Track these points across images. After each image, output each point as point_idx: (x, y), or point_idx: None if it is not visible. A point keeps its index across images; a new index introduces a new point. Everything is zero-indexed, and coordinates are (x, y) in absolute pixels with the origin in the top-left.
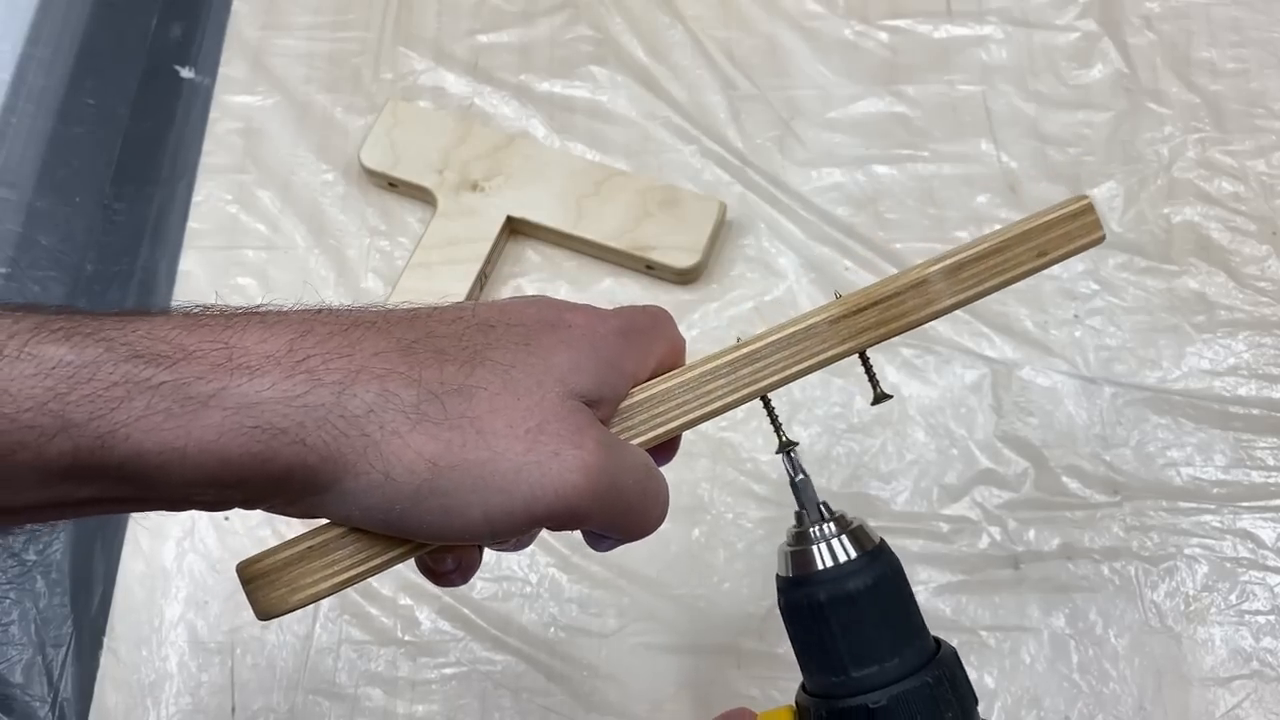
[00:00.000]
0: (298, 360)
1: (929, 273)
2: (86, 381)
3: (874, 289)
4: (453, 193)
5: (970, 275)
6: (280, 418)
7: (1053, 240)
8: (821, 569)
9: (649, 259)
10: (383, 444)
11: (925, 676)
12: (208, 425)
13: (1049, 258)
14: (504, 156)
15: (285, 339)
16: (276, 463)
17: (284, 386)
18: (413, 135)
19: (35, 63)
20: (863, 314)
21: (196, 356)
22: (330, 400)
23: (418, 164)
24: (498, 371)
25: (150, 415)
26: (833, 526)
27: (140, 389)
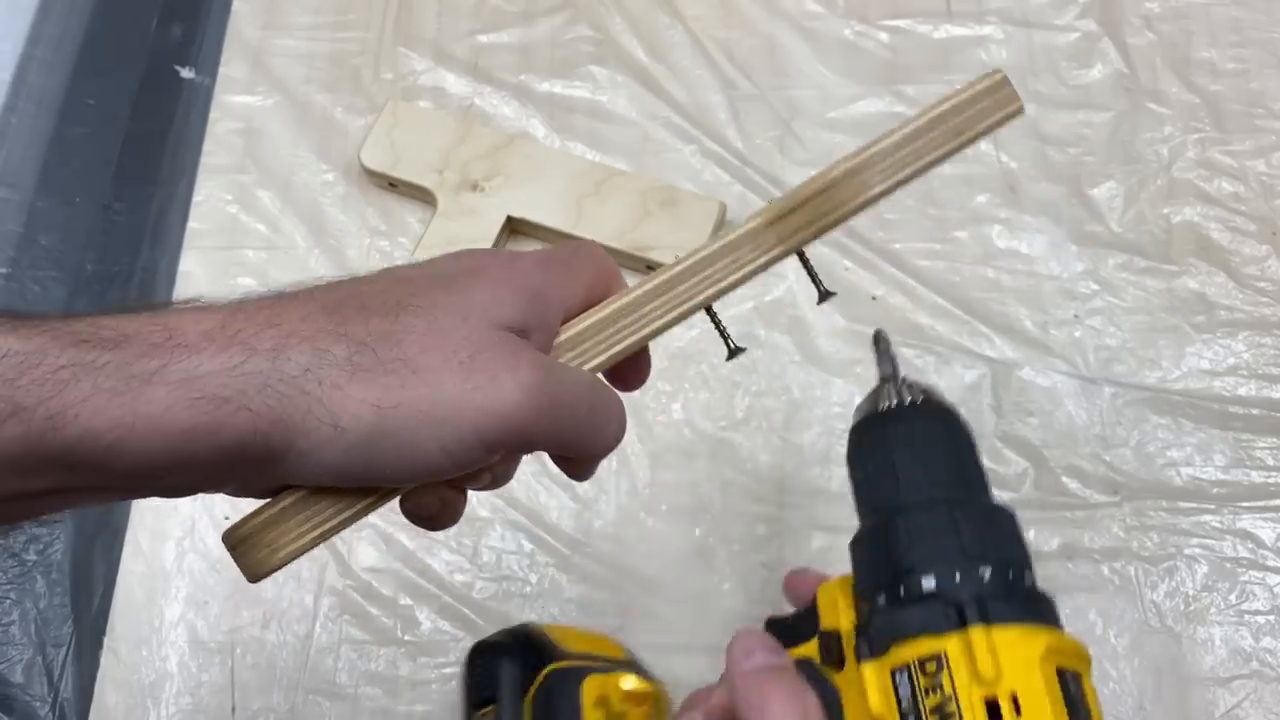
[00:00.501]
0: (231, 334)
1: (853, 164)
2: (34, 367)
3: (801, 189)
4: (453, 193)
5: (892, 163)
6: (221, 387)
7: (971, 117)
8: (897, 405)
9: (649, 259)
10: (324, 398)
11: (972, 510)
12: (153, 400)
13: (968, 135)
14: (504, 156)
15: (218, 318)
16: (225, 432)
17: (221, 359)
18: (413, 135)
19: (36, 63)
20: (793, 215)
21: (137, 338)
22: (267, 366)
23: (418, 164)
24: (421, 314)
25: (96, 395)
26: (912, 384)
27: (85, 370)
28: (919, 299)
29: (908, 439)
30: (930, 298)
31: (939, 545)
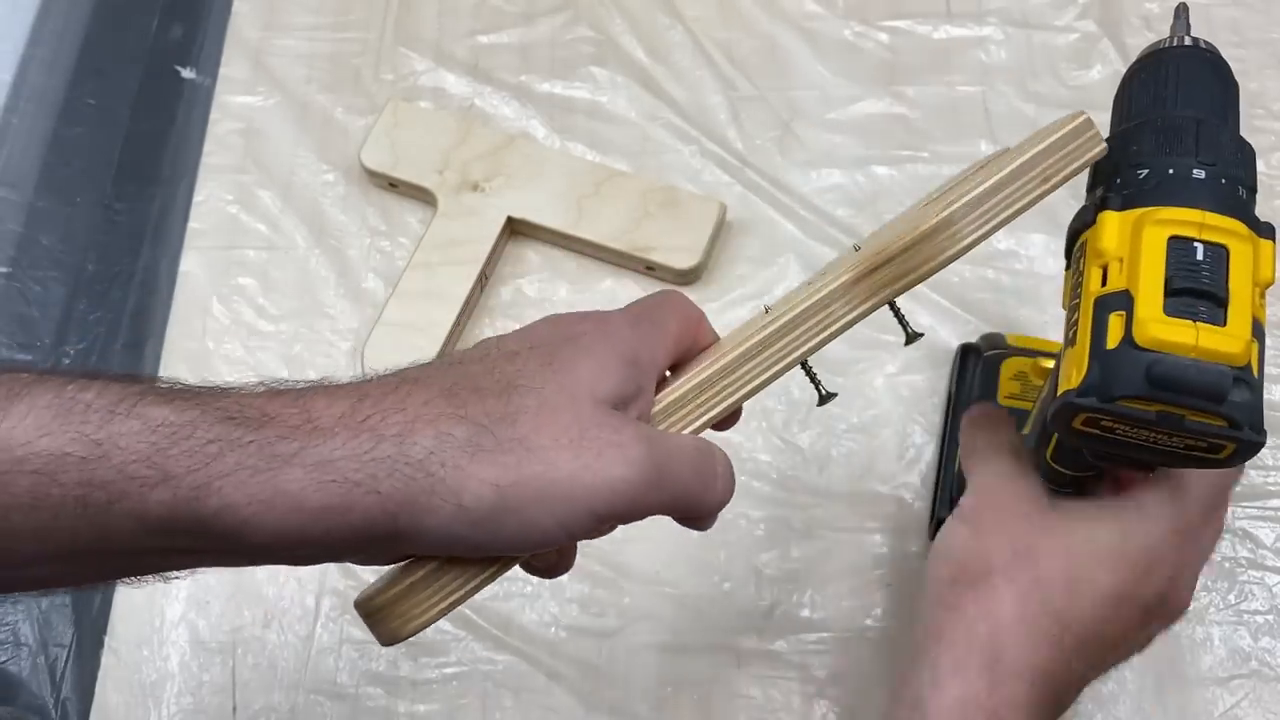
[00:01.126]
0: (360, 420)
1: (944, 216)
2: (185, 439)
3: (891, 244)
4: (453, 193)
5: (982, 213)
6: (354, 471)
7: (1057, 161)
8: (1189, 43)
9: (649, 260)
10: (448, 479)
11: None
12: (290, 479)
13: (1055, 180)
14: (504, 157)
15: (348, 403)
16: (355, 512)
17: (353, 444)
18: (413, 135)
19: (36, 63)
20: (885, 269)
21: (278, 420)
22: (394, 451)
23: (418, 164)
24: (531, 394)
25: (239, 470)
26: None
27: (231, 447)
28: (919, 299)
29: (1188, 67)
30: (931, 298)
31: (1207, 139)
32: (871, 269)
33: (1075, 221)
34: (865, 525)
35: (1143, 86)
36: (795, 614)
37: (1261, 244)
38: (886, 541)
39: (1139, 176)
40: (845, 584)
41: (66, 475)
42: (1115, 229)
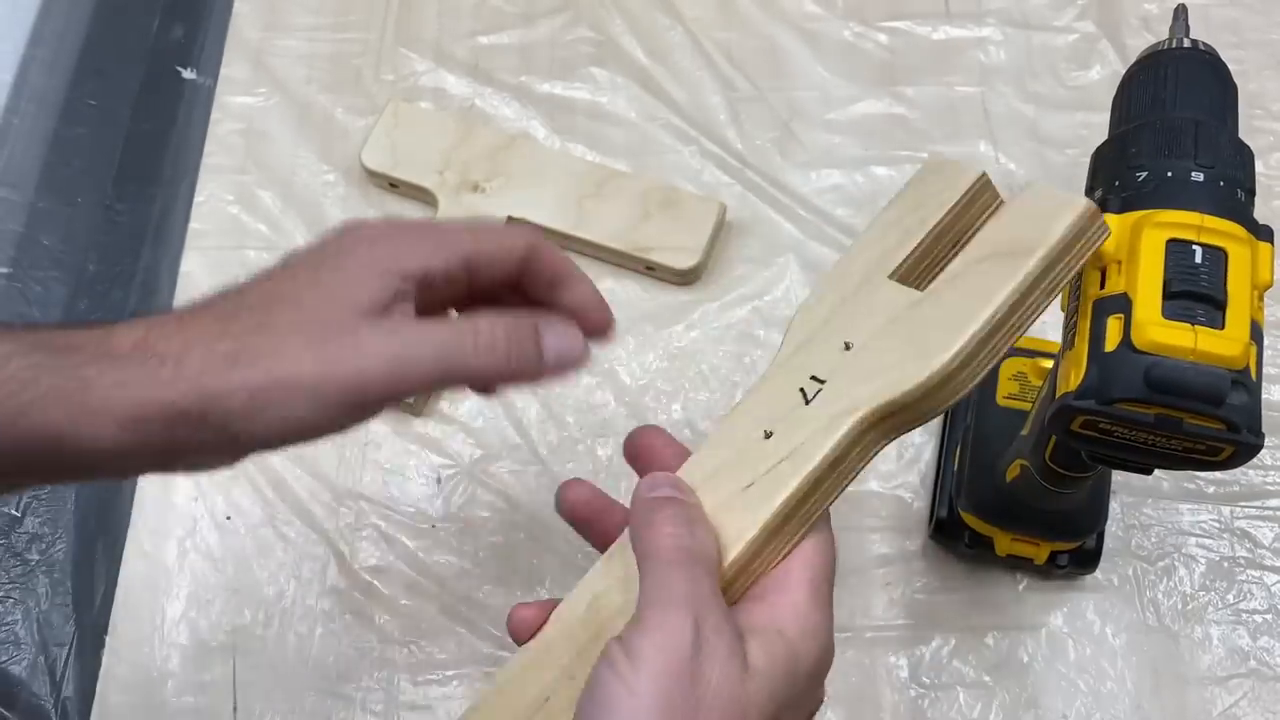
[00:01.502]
0: (148, 346)
1: (960, 358)
2: (2, 369)
3: (904, 390)
4: (453, 194)
5: (992, 346)
6: (145, 388)
7: (1065, 267)
8: (1187, 44)
9: (649, 260)
10: (216, 388)
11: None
12: (97, 396)
13: (1061, 286)
14: (505, 157)
15: (141, 332)
16: (155, 421)
17: (143, 367)
18: (414, 136)
19: (37, 63)
20: (898, 415)
21: (82, 349)
22: (174, 371)
23: (418, 165)
24: (290, 307)
25: (53, 392)
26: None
27: (44, 372)
28: None
29: (1187, 69)
30: None
31: (1205, 142)
32: (886, 415)
33: None
34: (865, 525)
35: (1141, 88)
36: None
37: (1260, 246)
38: (886, 541)
39: (1138, 179)
40: (845, 584)
41: None
42: (1114, 231)
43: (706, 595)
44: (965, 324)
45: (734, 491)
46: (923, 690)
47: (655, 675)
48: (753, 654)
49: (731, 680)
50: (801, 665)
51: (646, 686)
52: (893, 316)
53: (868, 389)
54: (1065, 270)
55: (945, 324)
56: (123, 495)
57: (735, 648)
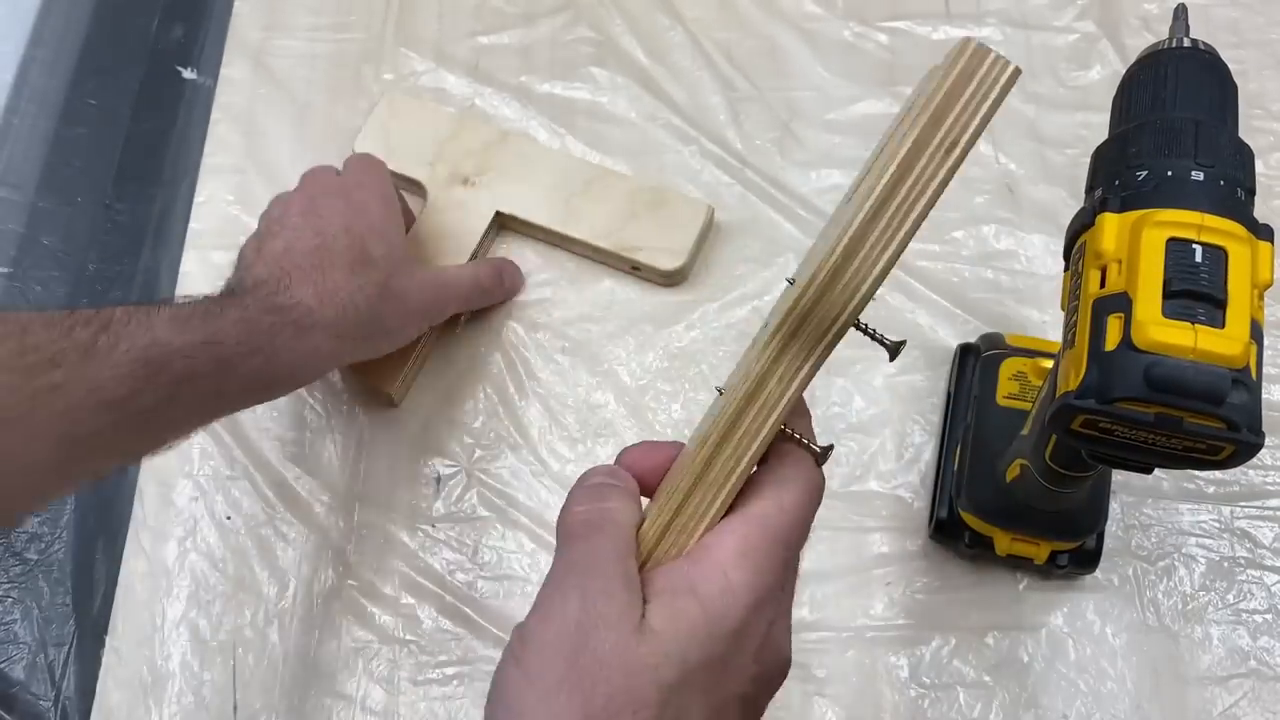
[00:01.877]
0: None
1: (845, 245)
2: (243, 311)
3: (797, 301)
4: (443, 186)
5: (889, 224)
6: (339, 292)
7: (960, 118)
8: (1188, 44)
9: (634, 260)
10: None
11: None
12: (306, 294)
13: (963, 146)
14: (497, 152)
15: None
16: (362, 305)
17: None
18: (408, 128)
19: (37, 63)
20: (806, 327)
21: (271, 292)
22: (349, 284)
23: (411, 156)
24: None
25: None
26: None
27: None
28: (919, 299)
29: (1187, 68)
30: (930, 298)
31: (1205, 141)
32: (793, 332)
33: (1074, 223)
34: (865, 525)
35: (1141, 88)
36: (795, 613)
37: (1260, 246)
38: (886, 541)
39: (1138, 178)
40: (845, 583)
41: (205, 361)
42: (1114, 231)
43: (601, 561)
44: (853, 216)
45: (692, 454)
46: (923, 690)
47: (543, 650)
48: (652, 614)
49: (620, 643)
50: (721, 625)
51: (535, 664)
52: (823, 239)
53: (779, 311)
54: (962, 123)
55: (841, 220)
56: (123, 495)
57: (628, 610)
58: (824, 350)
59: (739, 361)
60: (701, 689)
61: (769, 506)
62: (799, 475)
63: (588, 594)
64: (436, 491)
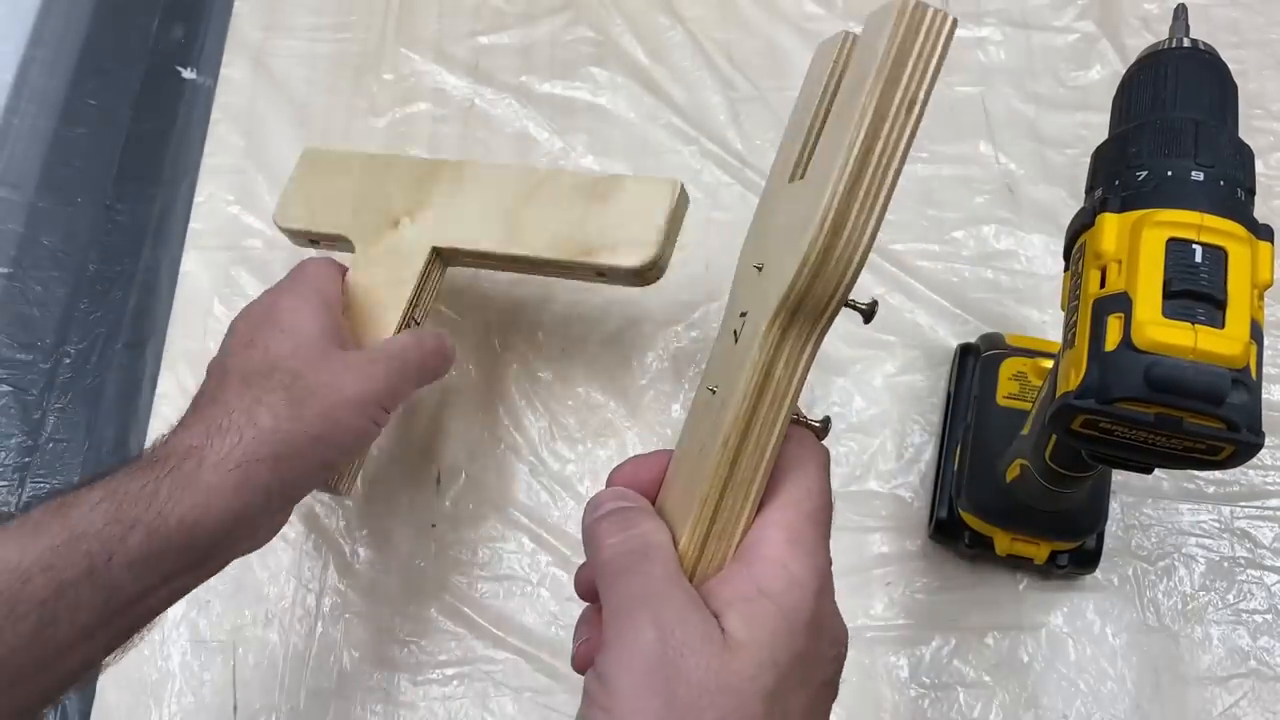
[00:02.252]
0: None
1: (830, 222)
2: (126, 494)
3: (792, 286)
4: (370, 236)
5: (868, 192)
6: (237, 458)
7: (914, 75)
8: (1188, 44)
9: (595, 264)
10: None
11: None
12: (205, 481)
13: (921, 101)
14: (429, 185)
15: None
16: (259, 478)
17: (226, 443)
18: (327, 183)
19: (37, 64)
20: (803, 310)
21: (174, 453)
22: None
23: (332, 212)
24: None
25: (174, 492)
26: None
27: (158, 483)
28: (919, 299)
29: (1187, 68)
30: (930, 298)
31: (1206, 141)
32: (790, 319)
33: (1074, 223)
34: (865, 525)
35: (1141, 88)
36: None
37: (1260, 246)
38: (886, 541)
39: (1138, 178)
40: (845, 583)
41: (73, 565)
42: (1114, 231)
43: (662, 588)
44: (823, 189)
45: (693, 460)
46: (923, 690)
47: (629, 692)
48: (733, 627)
49: (713, 665)
50: (797, 618)
51: (627, 707)
52: (787, 218)
53: (769, 299)
54: (917, 79)
55: (813, 198)
56: None
57: (708, 630)
58: (824, 328)
59: (715, 358)
60: (798, 686)
61: (798, 491)
62: (811, 453)
63: (662, 625)
64: (436, 491)
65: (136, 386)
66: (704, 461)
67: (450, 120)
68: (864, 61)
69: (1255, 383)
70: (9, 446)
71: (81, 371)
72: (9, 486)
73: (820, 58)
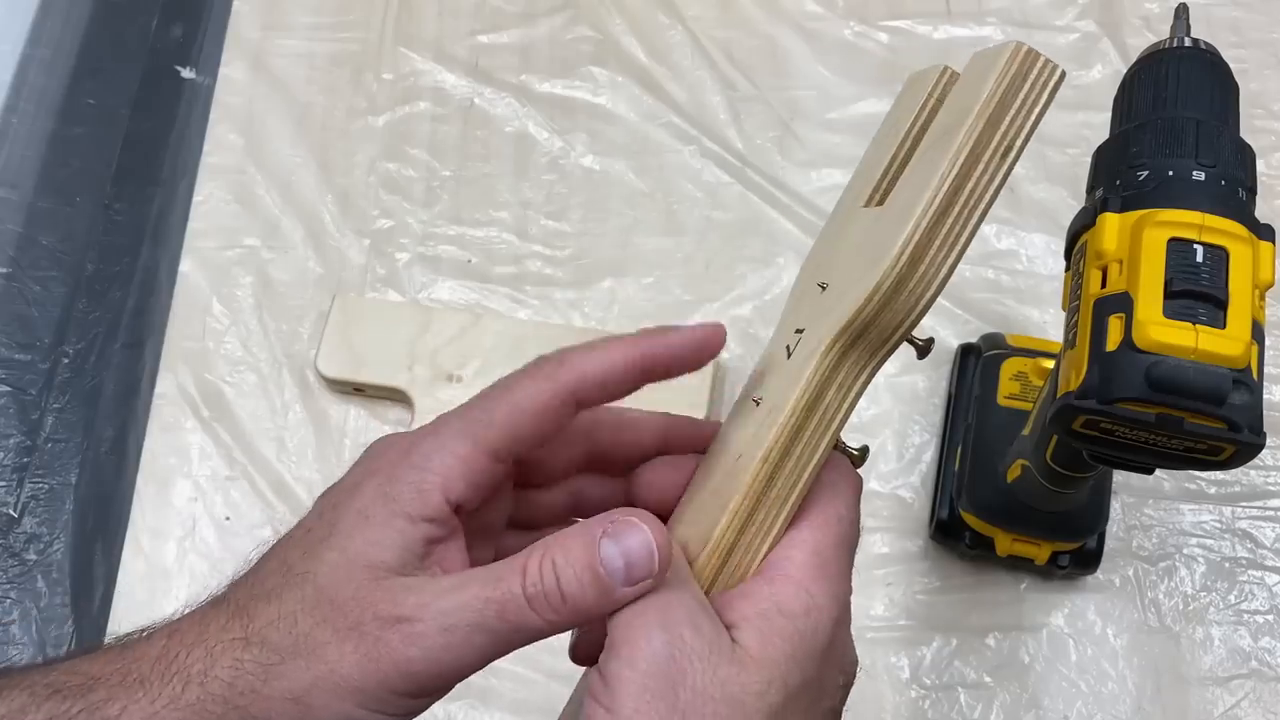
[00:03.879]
0: (170, 661)
1: (912, 249)
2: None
3: (861, 300)
4: (428, 388)
5: (950, 226)
6: (174, 717)
7: (1014, 121)
8: (1188, 44)
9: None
10: (252, 708)
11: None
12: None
13: (1018, 148)
14: (474, 338)
15: (161, 643)
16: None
17: (167, 692)
18: (370, 332)
19: (36, 63)
20: (866, 336)
21: (102, 682)
22: (201, 693)
23: (383, 364)
24: (307, 583)
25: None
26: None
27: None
28: None
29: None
30: None
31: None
32: (851, 342)
33: (1075, 223)
34: (865, 525)
35: (1143, 87)
36: None
37: (1261, 245)
38: (886, 541)
39: (1139, 178)
40: None
41: None
42: (1115, 231)
43: (675, 596)
44: (905, 221)
45: (728, 467)
46: (924, 691)
47: (633, 693)
48: (747, 641)
49: (720, 675)
50: (813, 643)
51: (629, 707)
52: (858, 242)
53: (831, 319)
54: (1017, 125)
55: (891, 228)
56: (121, 495)
57: (719, 641)
58: (882, 359)
59: (763, 369)
60: (803, 710)
61: (828, 515)
62: (846, 479)
63: (671, 628)
64: None
65: (135, 387)
66: (740, 471)
67: (450, 119)
68: (965, 98)
69: (1256, 383)
70: (7, 446)
71: (80, 371)
72: (7, 486)
73: (913, 86)
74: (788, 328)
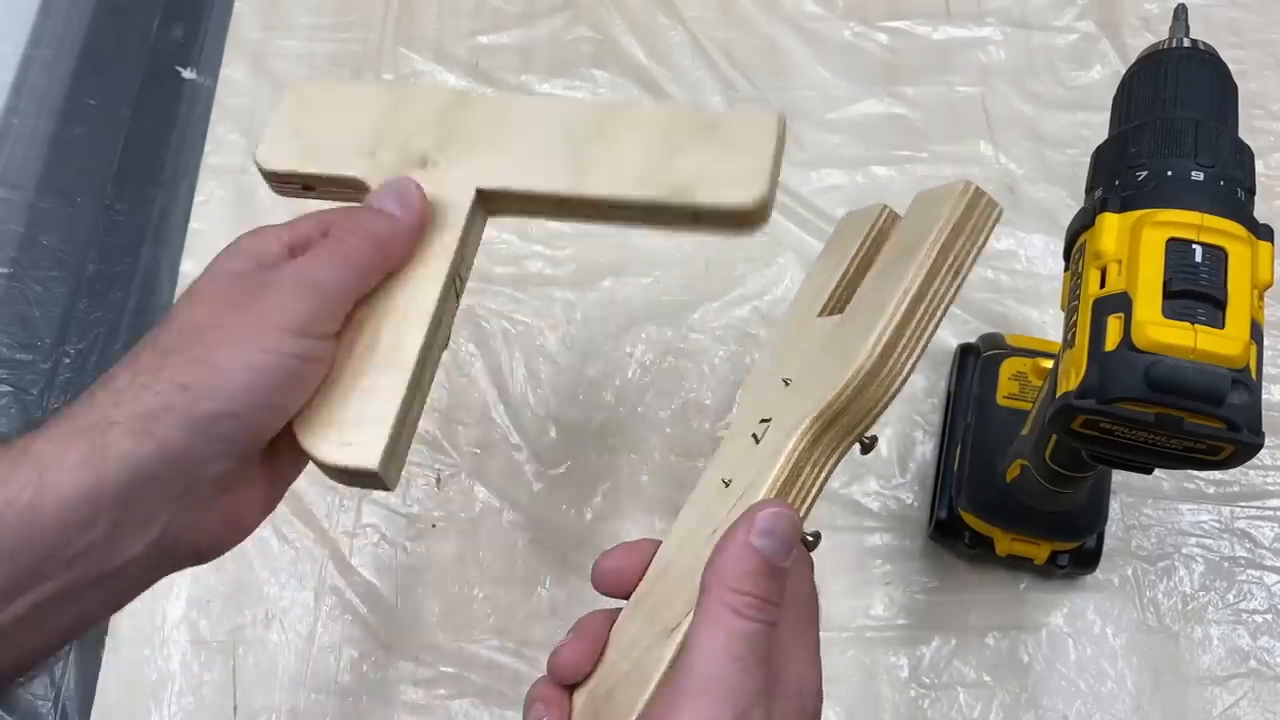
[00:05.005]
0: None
1: (881, 349)
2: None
3: (833, 393)
4: (394, 176)
5: (911, 332)
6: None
7: (963, 247)
8: (1188, 44)
9: (693, 204)
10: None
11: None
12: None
13: (965, 271)
14: (459, 117)
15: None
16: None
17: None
18: (327, 118)
19: (37, 63)
20: (838, 422)
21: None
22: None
23: (339, 151)
24: (217, 336)
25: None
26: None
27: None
28: None
29: (1187, 68)
30: None
31: (1206, 141)
32: (826, 426)
33: (1074, 223)
34: (865, 525)
35: (1141, 88)
36: None
37: (1260, 246)
38: (886, 541)
39: (1138, 178)
40: (845, 583)
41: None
42: (1114, 231)
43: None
44: (875, 321)
45: (701, 544)
46: (923, 690)
47: None
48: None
49: None
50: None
51: None
52: (821, 344)
53: (803, 408)
54: (965, 250)
55: (860, 329)
56: None
57: None
58: (849, 445)
59: (728, 454)
60: None
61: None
62: (799, 563)
63: None
64: (436, 491)
65: None
66: (685, 562)
67: None
68: (914, 230)
69: (1255, 383)
70: None
71: (81, 372)
72: None
73: (852, 220)
74: (750, 418)
